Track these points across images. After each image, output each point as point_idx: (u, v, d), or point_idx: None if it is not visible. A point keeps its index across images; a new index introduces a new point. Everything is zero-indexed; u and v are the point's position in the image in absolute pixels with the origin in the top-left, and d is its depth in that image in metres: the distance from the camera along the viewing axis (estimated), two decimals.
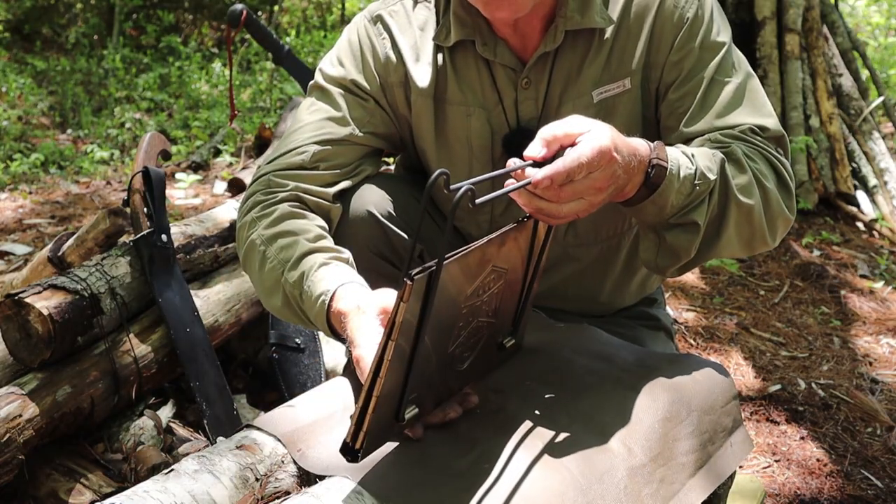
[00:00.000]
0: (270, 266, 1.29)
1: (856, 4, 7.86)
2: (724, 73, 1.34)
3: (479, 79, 1.40)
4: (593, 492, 1.02)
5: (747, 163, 1.25)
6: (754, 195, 1.24)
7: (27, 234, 3.41)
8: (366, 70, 1.43)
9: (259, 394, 2.03)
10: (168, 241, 1.86)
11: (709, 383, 1.26)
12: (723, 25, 1.37)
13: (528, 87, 1.38)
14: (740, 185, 1.23)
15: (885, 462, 1.98)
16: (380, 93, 1.43)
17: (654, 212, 1.19)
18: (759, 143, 1.30)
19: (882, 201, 3.78)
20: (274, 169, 1.40)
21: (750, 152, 1.28)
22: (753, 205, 1.24)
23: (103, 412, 1.70)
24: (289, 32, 7.40)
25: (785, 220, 1.31)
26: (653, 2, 1.35)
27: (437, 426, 1.09)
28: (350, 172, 1.42)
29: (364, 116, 1.43)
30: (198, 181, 4.18)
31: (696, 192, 1.18)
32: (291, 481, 1.05)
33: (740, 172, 1.24)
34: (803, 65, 3.84)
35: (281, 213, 1.33)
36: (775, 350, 2.55)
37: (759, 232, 1.28)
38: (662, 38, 1.35)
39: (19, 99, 5.52)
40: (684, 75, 1.34)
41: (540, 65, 1.37)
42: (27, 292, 1.61)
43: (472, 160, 1.43)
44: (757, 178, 1.25)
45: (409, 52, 1.42)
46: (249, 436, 1.10)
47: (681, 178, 1.16)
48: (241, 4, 2.56)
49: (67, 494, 1.57)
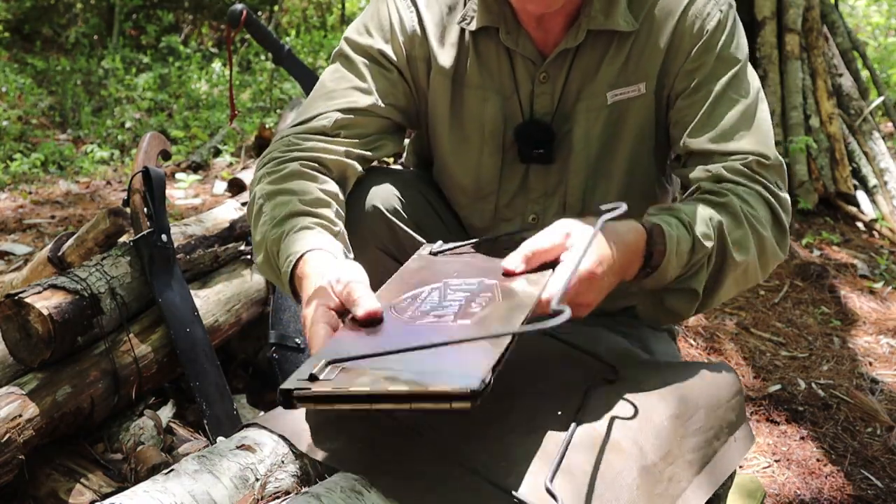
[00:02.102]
0: (262, 221, 1.28)
1: (856, 4, 7.86)
2: (734, 91, 1.34)
3: (498, 66, 1.41)
4: (609, 494, 1.02)
5: (744, 213, 1.27)
6: (749, 249, 1.27)
7: (27, 234, 3.41)
8: (393, 41, 1.43)
9: (259, 394, 2.03)
10: (168, 241, 1.86)
11: (714, 379, 1.26)
12: (741, 43, 1.37)
13: (545, 81, 1.39)
14: (736, 241, 1.26)
15: (885, 462, 1.98)
16: (405, 65, 1.44)
17: (653, 284, 1.24)
18: (759, 179, 1.31)
19: (882, 201, 3.78)
20: (296, 132, 1.40)
21: (748, 197, 1.29)
22: (749, 259, 1.28)
23: (103, 412, 1.70)
24: (289, 32, 7.40)
25: (776, 261, 1.34)
26: (676, 10, 1.35)
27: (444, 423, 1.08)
28: (370, 144, 1.42)
29: (387, 88, 1.43)
30: (198, 181, 4.18)
31: (693, 260, 1.22)
32: (291, 481, 1.05)
33: (737, 227, 1.26)
34: (803, 65, 3.84)
35: (290, 171, 1.33)
36: (775, 350, 2.55)
37: (752, 278, 1.33)
38: (681, 47, 1.35)
39: (19, 99, 5.52)
40: (695, 85, 1.35)
41: (559, 61, 1.38)
42: (27, 292, 1.60)
43: (483, 145, 1.44)
44: (753, 227, 1.28)
45: (433, 29, 1.43)
46: (249, 436, 1.10)
47: (678, 253, 1.19)
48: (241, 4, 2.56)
49: (67, 494, 1.56)
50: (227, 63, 5.16)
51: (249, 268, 2.11)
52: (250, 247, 2.13)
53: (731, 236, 1.25)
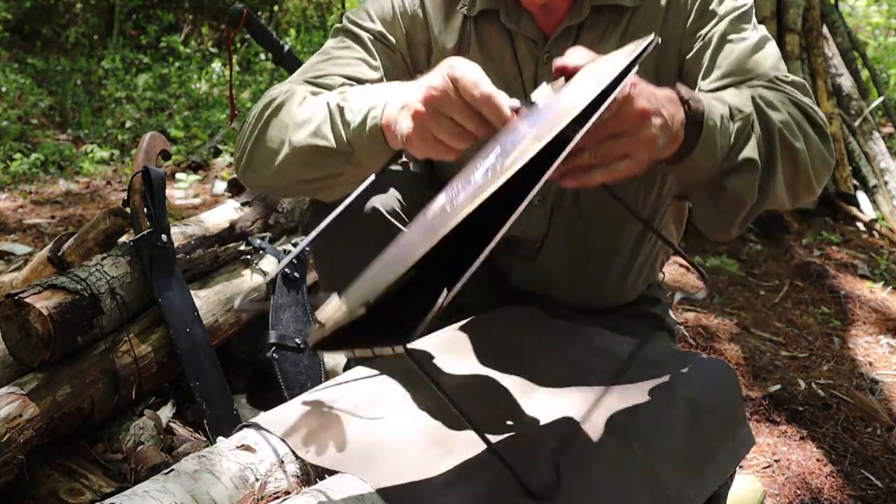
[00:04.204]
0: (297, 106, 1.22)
1: (856, 4, 7.86)
2: (739, 32, 1.31)
3: (500, 50, 1.40)
4: (605, 494, 1.02)
5: (779, 103, 1.19)
6: (796, 133, 1.17)
7: (27, 234, 3.41)
8: (395, 25, 1.42)
9: (259, 394, 2.03)
10: (168, 241, 1.86)
11: (713, 380, 1.26)
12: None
13: (549, 61, 1.37)
14: (781, 121, 1.17)
15: (885, 462, 1.98)
16: (406, 50, 1.43)
17: (706, 159, 1.10)
18: (784, 89, 1.25)
19: (882, 201, 3.78)
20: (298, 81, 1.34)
21: (778, 98, 1.22)
22: (797, 145, 1.16)
23: (103, 412, 1.70)
24: (289, 32, 7.40)
25: (827, 166, 1.24)
26: None
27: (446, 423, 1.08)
28: None
29: (391, 67, 1.41)
30: (198, 181, 4.18)
31: (737, 128, 1.11)
32: (291, 481, 1.05)
33: (775, 110, 1.18)
34: (803, 65, 3.84)
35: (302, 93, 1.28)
36: (775, 350, 2.55)
37: (804, 177, 1.19)
38: (679, 12, 1.35)
39: (19, 99, 5.51)
40: (701, 44, 1.32)
41: (563, 40, 1.37)
42: (27, 292, 1.60)
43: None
44: (795, 117, 1.20)
45: (435, 13, 1.42)
46: (249, 436, 1.10)
47: (717, 114, 1.09)
48: (241, 4, 2.56)
49: (67, 494, 1.56)
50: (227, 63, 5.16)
51: (249, 268, 2.11)
52: (250, 247, 2.13)
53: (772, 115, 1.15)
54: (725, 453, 1.22)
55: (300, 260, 2.13)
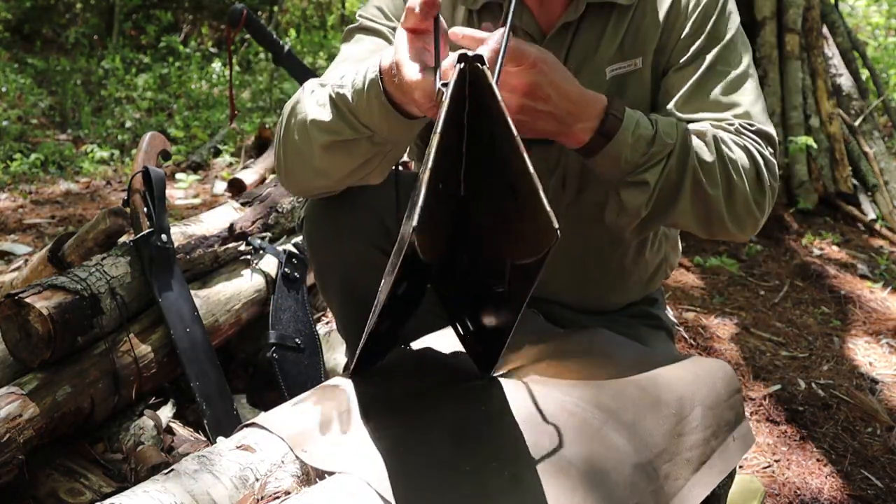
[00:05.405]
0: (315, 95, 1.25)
1: (856, 4, 7.86)
2: (725, 64, 1.35)
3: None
4: (601, 490, 1.02)
5: (718, 147, 1.26)
6: (717, 182, 1.25)
7: (27, 234, 3.41)
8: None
9: (259, 394, 2.03)
10: (168, 241, 1.86)
11: (713, 378, 1.26)
12: (734, 16, 1.39)
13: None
14: (703, 163, 1.24)
15: (885, 462, 1.98)
16: None
17: (609, 164, 1.23)
18: (745, 136, 1.31)
19: (882, 201, 3.78)
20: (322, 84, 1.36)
21: (729, 141, 1.28)
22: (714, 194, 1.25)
23: (103, 412, 1.70)
24: (289, 32, 7.40)
25: (751, 219, 1.31)
26: None
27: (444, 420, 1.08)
28: None
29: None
30: (198, 181, 4.19)
31: (651, 152, 1.22)
32: (291, 481, 1.05)
33: (706, 150, 1.25)
34: (803, 65, 3.84)
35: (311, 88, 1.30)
36: (775, 350, 2.55)
37: (716, 218, 1.29)
38: (677, 22, 1.37)
39: (19, 99, 5.52)
40: (687, 58, 1.36)
41: (560, 37, 1.38)
42: (27, 292, 1.60)
43: None
44: (725, 164, 1.26)
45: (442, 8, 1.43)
46: (249, 436, 1.10)
47: (636, 134, 1.20)
48: (241, 4, 2.56)
49: (67, 494, 1.56)
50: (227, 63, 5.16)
51: (249, 268, 2.11)
52: (250, 247, 2.13)
53: (698, 153, 1.24)
54: (725, 452, 1.22)
55: (300, 260, 2.13)
